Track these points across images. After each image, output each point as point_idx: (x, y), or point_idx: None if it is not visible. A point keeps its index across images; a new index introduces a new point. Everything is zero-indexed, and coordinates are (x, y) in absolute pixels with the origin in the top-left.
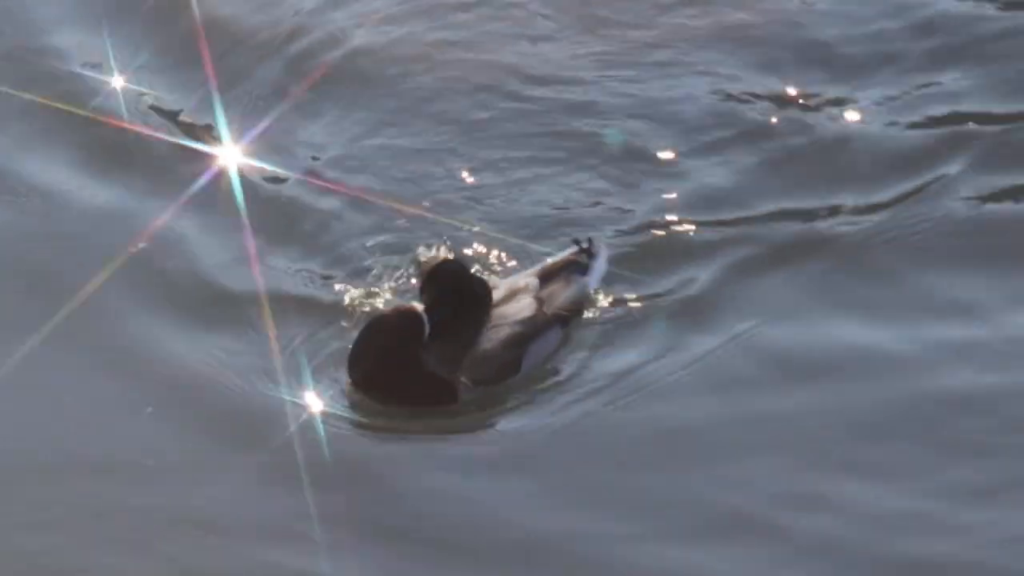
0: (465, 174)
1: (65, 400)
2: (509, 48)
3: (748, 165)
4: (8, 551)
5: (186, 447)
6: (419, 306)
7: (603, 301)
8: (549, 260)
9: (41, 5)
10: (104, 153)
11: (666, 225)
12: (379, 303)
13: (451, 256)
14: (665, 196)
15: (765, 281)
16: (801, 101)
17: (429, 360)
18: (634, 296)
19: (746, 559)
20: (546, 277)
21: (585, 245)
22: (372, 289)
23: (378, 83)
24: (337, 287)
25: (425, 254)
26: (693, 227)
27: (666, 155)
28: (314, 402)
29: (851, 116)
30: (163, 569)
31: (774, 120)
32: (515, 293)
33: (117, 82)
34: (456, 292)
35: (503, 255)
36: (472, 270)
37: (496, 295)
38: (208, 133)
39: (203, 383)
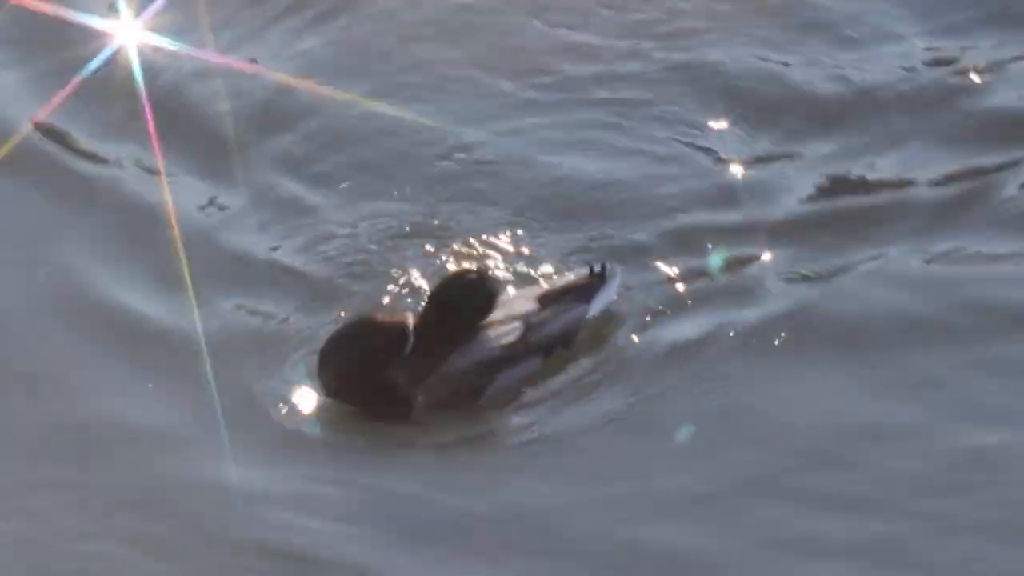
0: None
1: None
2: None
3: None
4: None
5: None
6: (408, 316)
7: (599, 332)
8: (557, 282)
9: None
10: None
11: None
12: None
13: (469, 267)
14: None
15: (761, 338)
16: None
17: (397, 374)
18: (629, 332)
19: None
20: (547, 300)
21: (598, 270)
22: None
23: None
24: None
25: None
26: (692, 281)
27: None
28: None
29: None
30: None
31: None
32: (509, 314)
33: None
34: (458, 306)
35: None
36: (487, 283)
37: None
38: None
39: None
